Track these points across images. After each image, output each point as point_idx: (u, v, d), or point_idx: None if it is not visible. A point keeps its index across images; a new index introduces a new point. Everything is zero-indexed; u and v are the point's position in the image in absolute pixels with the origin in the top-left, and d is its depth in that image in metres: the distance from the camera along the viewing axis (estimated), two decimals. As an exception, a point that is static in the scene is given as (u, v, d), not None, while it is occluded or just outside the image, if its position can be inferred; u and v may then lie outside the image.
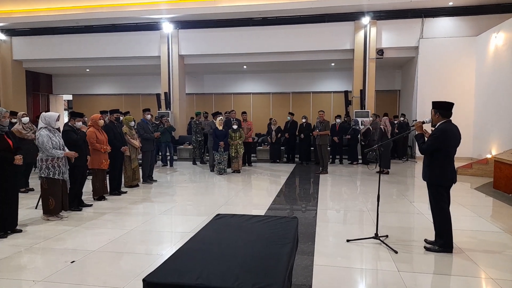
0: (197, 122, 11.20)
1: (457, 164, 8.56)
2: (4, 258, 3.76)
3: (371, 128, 11.35)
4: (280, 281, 1.94)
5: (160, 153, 11.10)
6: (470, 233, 4.67)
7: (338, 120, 11.24)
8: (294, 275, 3.23)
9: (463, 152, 10.86)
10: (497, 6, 11.56)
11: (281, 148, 11.90)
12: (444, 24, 12.19)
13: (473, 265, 3.63)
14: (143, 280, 1.98)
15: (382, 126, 9.46)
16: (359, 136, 11.37)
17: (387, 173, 9.32)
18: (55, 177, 5.06)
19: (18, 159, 4.43)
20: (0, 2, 13.40)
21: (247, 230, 2.79)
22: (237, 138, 9.50)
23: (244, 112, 11.20)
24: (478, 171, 9.01)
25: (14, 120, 7.04)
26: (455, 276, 3.43)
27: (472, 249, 4.03)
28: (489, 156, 9.67)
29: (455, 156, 3.99)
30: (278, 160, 11.70)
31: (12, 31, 14.75)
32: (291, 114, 11.80)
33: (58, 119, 5.24)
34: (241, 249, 2.41)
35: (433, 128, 4.00)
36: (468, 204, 6.16)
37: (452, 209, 4.04)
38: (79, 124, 5.81)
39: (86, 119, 7.69)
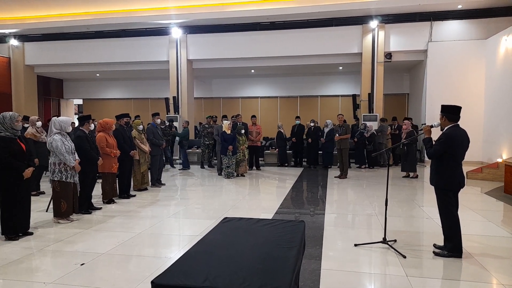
0: (206, 125, 11.27)
1: (467, 168, 8.47)
2: (16, 260, 3.83)
3: (375, 133, 11.30)
4: (287, 283, 1.95)
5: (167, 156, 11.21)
6: (480, 238, 4.61)
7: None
8: (301, 279, 3.23)
9: (473, 156, 10.73)
10: (507, 9, 11.44)
11: (289, 152, 11.90)
12: (453, 27, 12.10)
13: (483, 270, 3.59)
14: (152, 282, 2.00)
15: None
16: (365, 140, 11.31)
17: (416, 176, 9.18)
18: (67, 180, 5.15)
19: (28, 173, 4.51)
20: (12, 8, 13.68)
21: (254, 233, 2.80)
22: (244, 142, 9.54)
23: (253, 116, 11.27)
24: (488, 175, 8.90)
25: (26, 125, 7.16)
26: (464, 281, 3.39)
27: (482, 254, 3.99)
28: (499, 160, 9.54)
29: (465, 160, 3.96)
30: (286, 164, 11.70)
31: (24, 37, 15.04)
32: (298, 117, 11.82)
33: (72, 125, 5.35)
34: (248, 252, 2.42)
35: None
36: (478, 209, 6.09)
37: (462, 213, 4.01)
38: (92, 126, 5.93)
39: (96, 123, 7.80)
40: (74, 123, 8.98)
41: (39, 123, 7.08)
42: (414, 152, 9.49)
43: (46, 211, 5.81)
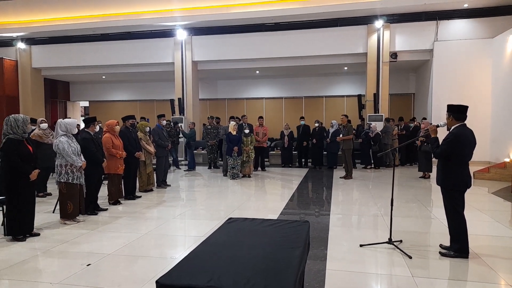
0: (209, 127, 11.28)
1: (474, 168, 8.39)
2: (22, 261, 3.86)
3: (380, 133, 11.23)
4: (291, 284, 1.95)
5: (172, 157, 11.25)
6: (487, 238, 4.57)
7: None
8: (306, 279, 3.22)
9: (480, 156, 10.61)
10: (514, 7, 11.34)
11: (293, 152, 11.89)
12: (459, 26, 12.01)
13: (490, 271, 3.55)
14: (156, 282, 2.01)
15: None
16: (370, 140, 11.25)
17: (428, 177, 9.08)
18: (74, 181, 5.19)
19: (34, 175, 4.54)
20: (19, 12, 13.85)
21: (258, 234, 2.80)
22: (249, 143, 9.54)
23: (260, 117, 11.31)
24: (495, 175, 8.82)
25: (33, 127, 7.23)
26: (471, 282, 3.36)
27: (489, 254, 3.95)
28: (507, 160, 9.45)
29: (472, 160, 3.93)
30: (290, 165, 11.69)
31: (31, 40, 15.19)
32: (302, 118, 11.81)
33: (78, 126, 5.39)
34: (252, 252, 2.42)
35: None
36: (485, 209, 6.03)
37: (469, 213, 3.97)
38: (97, 128, 5.96)
39: (101, 124, 7.85)
40: (79, 125, 9.04)
41: (43, 125, 7.13)
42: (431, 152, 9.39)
43: (53, 212, 5.85)
